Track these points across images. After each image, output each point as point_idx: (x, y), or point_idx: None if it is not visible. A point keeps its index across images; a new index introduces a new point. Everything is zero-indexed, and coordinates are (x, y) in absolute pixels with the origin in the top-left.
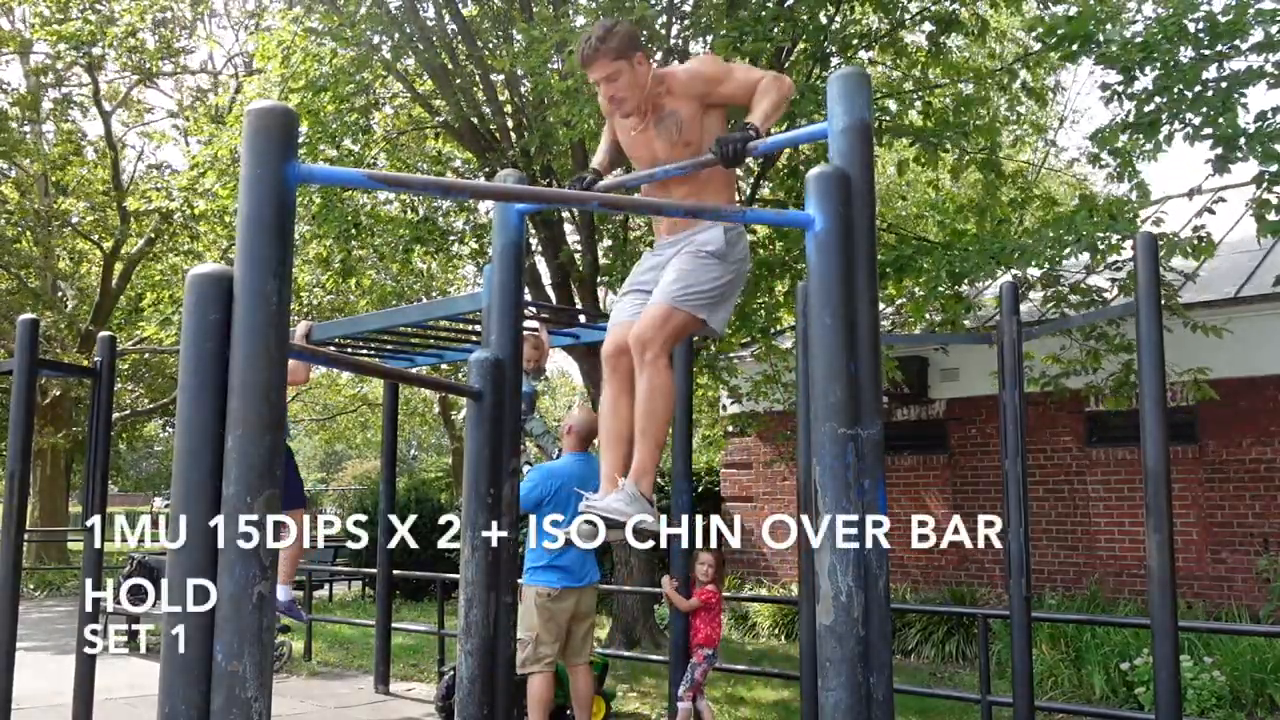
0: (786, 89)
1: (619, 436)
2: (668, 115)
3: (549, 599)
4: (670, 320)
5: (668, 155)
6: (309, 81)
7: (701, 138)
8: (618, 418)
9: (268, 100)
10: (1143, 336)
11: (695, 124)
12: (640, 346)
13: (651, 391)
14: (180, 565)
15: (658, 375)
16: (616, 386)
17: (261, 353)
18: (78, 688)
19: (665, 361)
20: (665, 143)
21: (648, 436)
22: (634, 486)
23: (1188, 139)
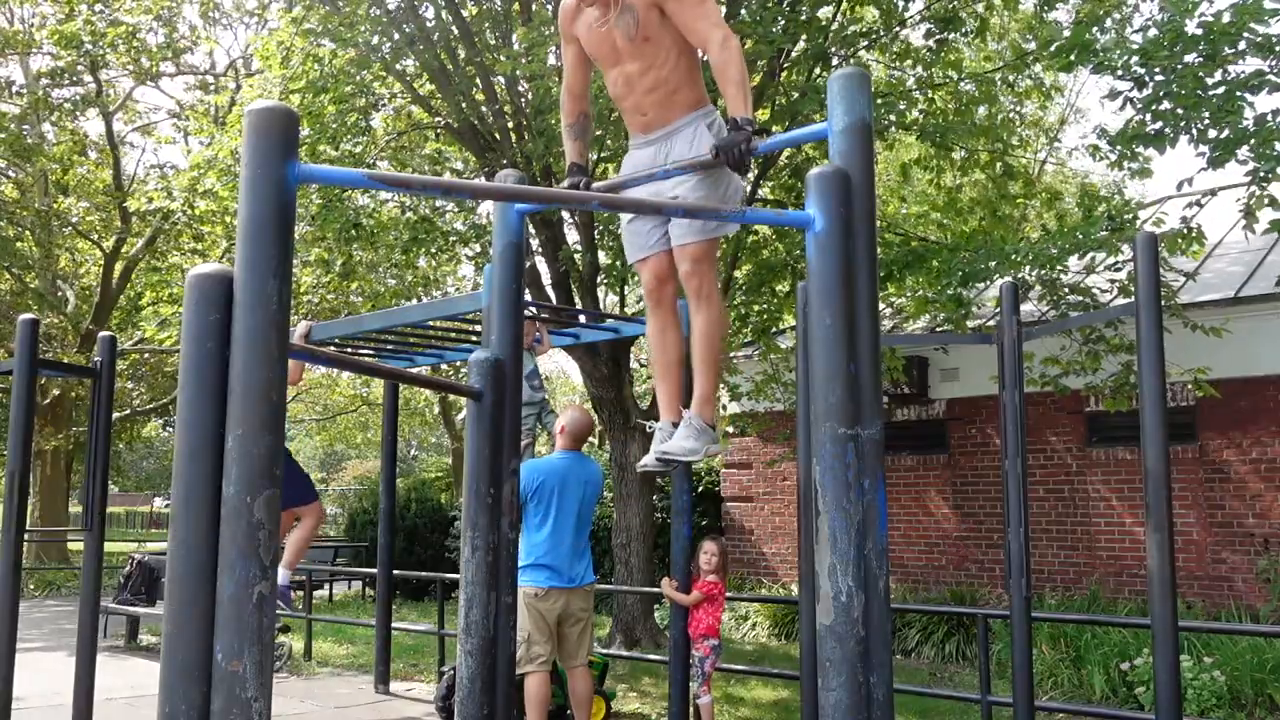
0: (738, 53)
1: (671, 364)
2: (626, 8)
3: (535, 598)
4: (710, 253)
5: (626, 49)
6: (309, 82)
7: (659, 32)
8: (668, 348)
9: (268, 100)
10: (1143, 337)
11: (652, 22)
12: (695, 286)
13: (710, 324)
14: (180, 565)
15: (714, 308)
16: (663, 318)
17: (262, 353)
18: (78, 687)
19: (718, 292)
20: (624, 36)
21: (709, 366)
22: (699, 419)
23: (1192, 141)
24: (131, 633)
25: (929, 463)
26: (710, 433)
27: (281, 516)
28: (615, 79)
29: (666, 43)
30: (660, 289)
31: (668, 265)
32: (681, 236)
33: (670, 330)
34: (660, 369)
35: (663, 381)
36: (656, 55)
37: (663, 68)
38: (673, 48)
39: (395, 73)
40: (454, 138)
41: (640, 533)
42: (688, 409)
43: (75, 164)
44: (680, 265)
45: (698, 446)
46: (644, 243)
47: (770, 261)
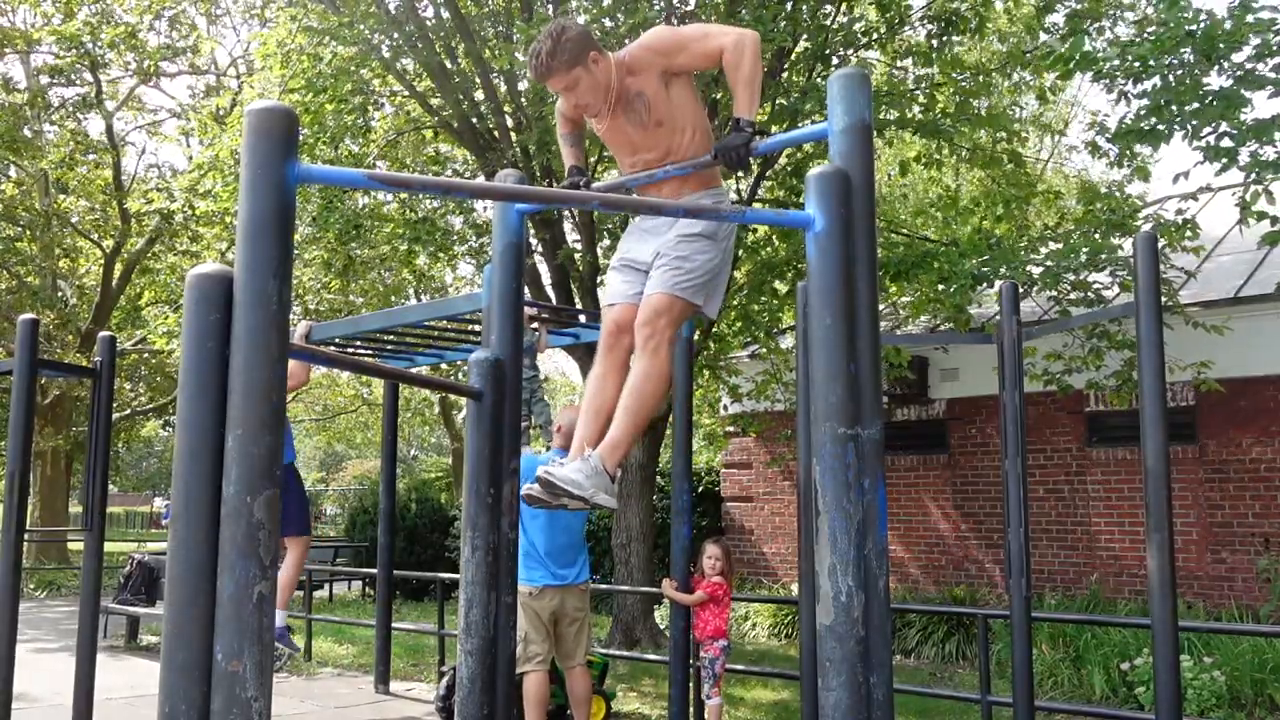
0: (753, 50)
1: (599, 410)
2: (634, 97)
3: (530, 597)
4: (672, 309)
5: (642, 139)
6: (308, 82)
7: (671, 111)
8: (603, 393)
9: (268, 100)
10: (1143, 336)
11: (662, 99)
12: (645, 335)
13: (647, 375)
14: (180, 565)
15: (658, 363)
16: (609, 364)
17: (262, 353)
18: (78, 687)
19: (667, 351)
20: (637, 126)
21: (631, 415)
22: (599, 460)
23: (1186, 137)
24: (131, 633)
25: (929, 463)
26: (606, 480)
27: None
28: (634, 165)
29: (679, 122)
30: (617, 336)
31: (631, 316)
32: (653, 285)
33: (611, 378)
34: (586, 412)
35: (583, 425)
36: (673, 138)
37: (679, 150)
38: (687, 127)
39: (395, 71)
40: (453, 136)
41: (640, 533)
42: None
43: (77, 163)
44: (640, 313)
45: (585, 484)
46: (621, 291)
47: (770, 261)
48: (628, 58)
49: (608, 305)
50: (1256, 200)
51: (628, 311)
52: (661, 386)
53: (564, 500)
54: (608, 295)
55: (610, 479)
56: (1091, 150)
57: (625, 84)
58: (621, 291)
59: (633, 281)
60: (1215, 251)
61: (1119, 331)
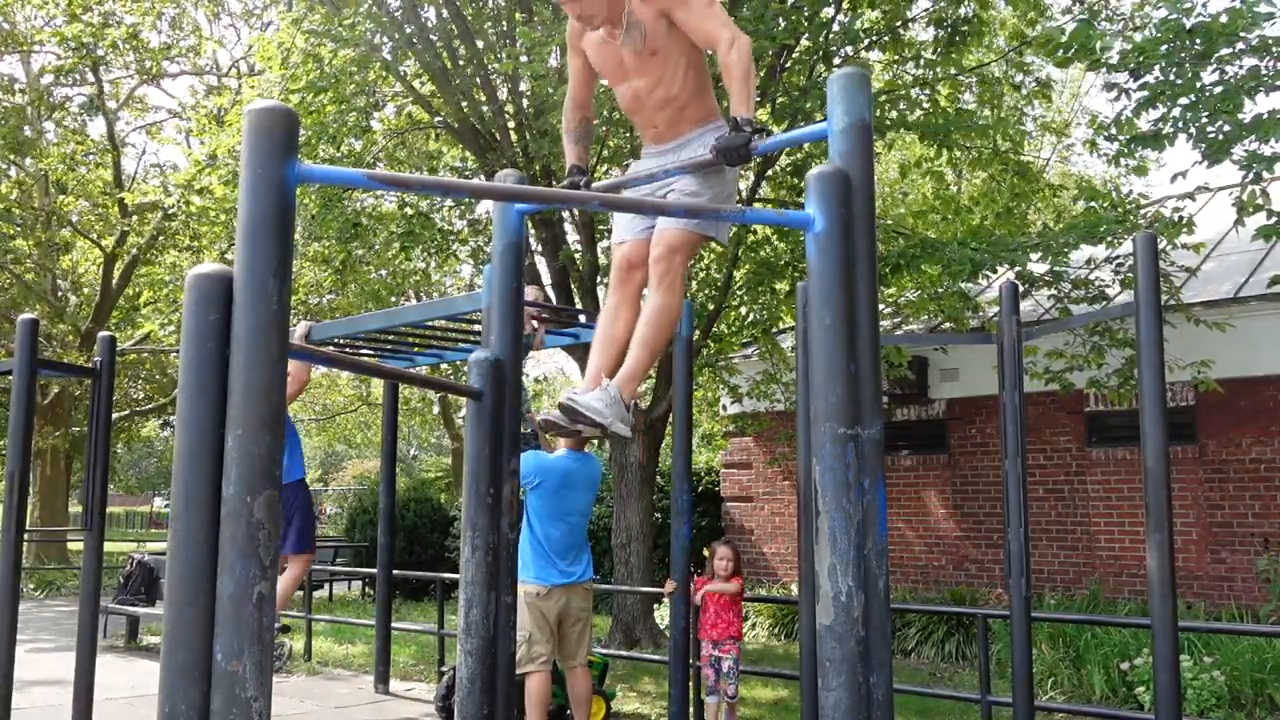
0: (747, 52)
1: (613, 340)
2: (633, 25)
3: (537, 597)
4: (686, 243)
5: (634, 64)
6: (309, 82)
7: (667, 44)
8: (616, 324)
9: (268, 100)
10: (1143, 336)
11: (659, 33)
12: (661, 270)
13: (663, 308)
14: (180, 565)
15: (672, 295)
16: (621, 297)
17: (261, 352)
18: (78, 687)
19: (681, 285)
20: (631, 51)
21: (646, 346)
22: (617, 390)
23: (1190, 139)
24: (131, 633)
25: (929, 463)
26: (623, 410)
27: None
28: (624, 94)
29: (674, 55)
30: (628, 272)
31: (643, 252)
32: (666, 221)
33: (623, 311)
34: (599, 343)
35: (596, 355)
36: (664, 69)
37: (671, 83)
38: (680, 60)
39: (395, 73)
40: (454, 137)
41: (640, 533)
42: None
43: (79, 164)
44: (654, 249)
45: (606, 413)
46: (629, 226)
47: (770, 261)
48: None
49: (618, 242)
50: (1254, 200)
51: (638, 247)
52: (677, 318)
53: (581, 425)
54: (617, 231)
55: (626, 408)
56: (1090, 148)
57: (629, 8)
58: (630, 227)
59: (641, 217)
60: (1215, 251)
61: (1120, 329)
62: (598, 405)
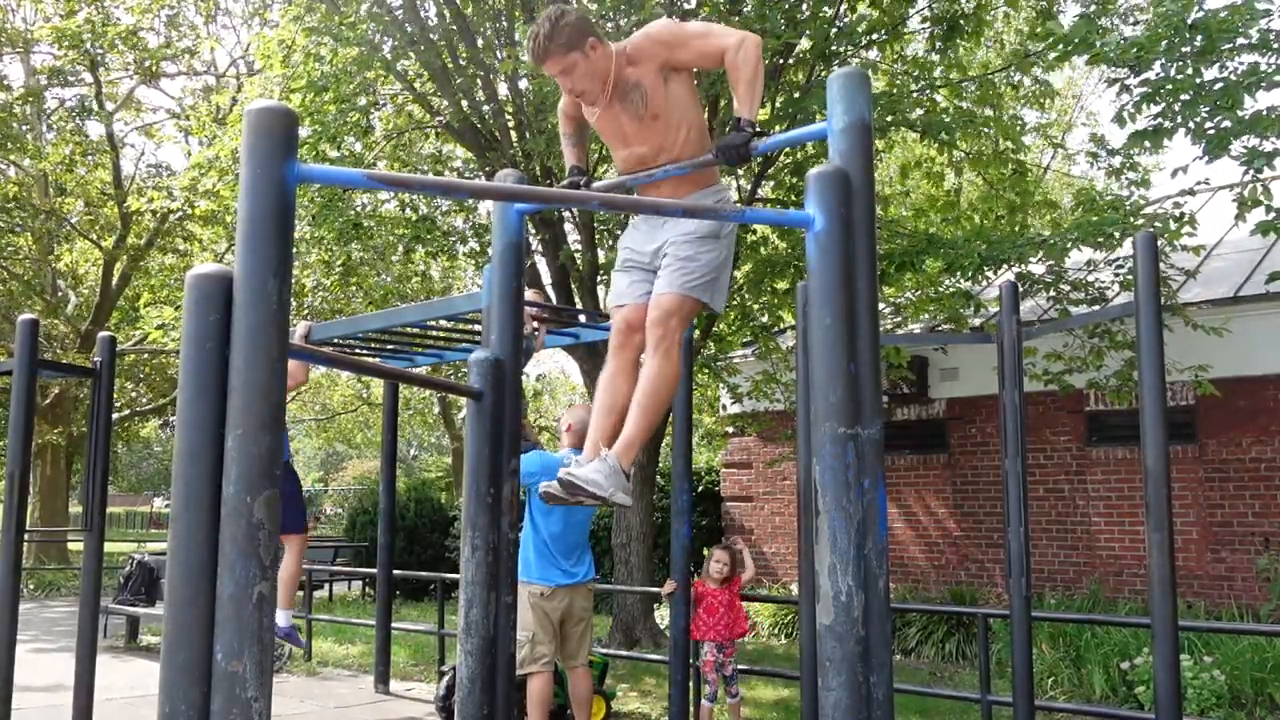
0: (755, 53)
1: (612, 408)
2: (631, 88)
3: (541, 598)
4: (682, 308)
5: (636, 131)
6: (310, 82)
7: (668, 105)
8: (614, 392)
9: (268, 100)
10: (1143, 336)
11: (659, 92)
12: (658, 336)
13: (660, 375)
14: (180, 565)
15: (669, 363)
16: (620, 364)
17: (261, 352)
18: (78, 687)
19: (678, 351)
20: (632, 118)
21: (645, 414)
22: (616, 460)
23: (1189, 134)
24: (131, 633)
25: (929, 462)
26: (623, 480)
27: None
28: (627, 159)
29: (676, 118)
30: (628, 336)
31: (642, 315)
32: (661, 285)
33: (622, 378)
34: (599, 411)
35: (596, 424)
36: (667, 133)
37: (673, 146)
38: (682, 123)
39: (396, 72)
40: (454, 137)
41: (640, 533)
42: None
43: (78, 164)
44: (650, 312)
45: (604, 484)
46: (627, 291)
47: (770, 259)
48: (629, 47)
49: (616, 306)
50: (1255, 196)
51: (637, 311)
52: (674, 385)
53: (581, 498)
54: (615, 296)
55: (626, 477)
56: (1091, 158)
57: (624, 73)
58: (629, 292)
59: (639, 281)
60: (1215, 251)
61: (1120, 331)
62: (597, 478)
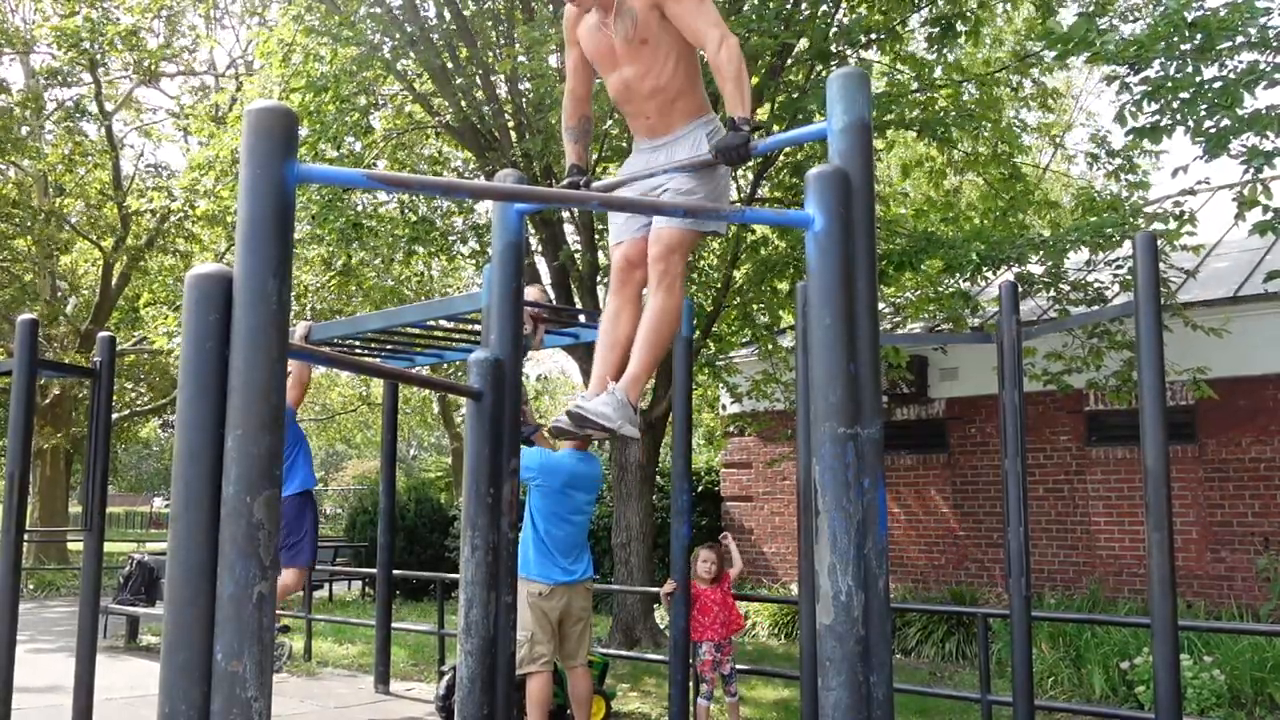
0: (736, 52)
1: (616, 343)
2: (625, 11)
3: (540, 597)
4: (683, 241)
5: (624, 52)
6: (309, 81)
7: (657, 33)
8: (619, 326)
9: (267, 100)
10: (1142, 336)
11: (650, 23)
12: (660, 270)
13: (665, 310)
14: (180, 565)
15: (673, 295)
16: (623, 299)
17: (261, 352)
18: (78, 687)
19: (681, 285)
20: (622, 39)
21: (650, 349)
22: (624, 393)
23: (1188, 133)
24: (131, 633)
25: (929, 462)
26: (630, 412)
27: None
28: (615, 83)
29: (664, 47)
30: (629, 272)
31: (642, 250)
32: (661, 221)
33: (626, 313)
34: (603, 346)
35: (600, 359)
36: (654, 59)
37: (661, 74)
38: (671, 52)
39: (395, 72)
40: (453, 137)
41: (640, 533)
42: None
43: (78, 165)
44: (652, 248)
45: (614, 416)
46: (625, 226)
47: (770, 260)
48: None
49: (616, 243)
50: (1255, 196)
51: (637, 246)
52: (678, 319)
53: (590, 430)
54: (615, 232)
55: (634, 410)
56: (1091, 160)
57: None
58: (627, 227)
59: (638, 215)
60: (1215, 251)
61: (1119, 331)
62: (605, 410)
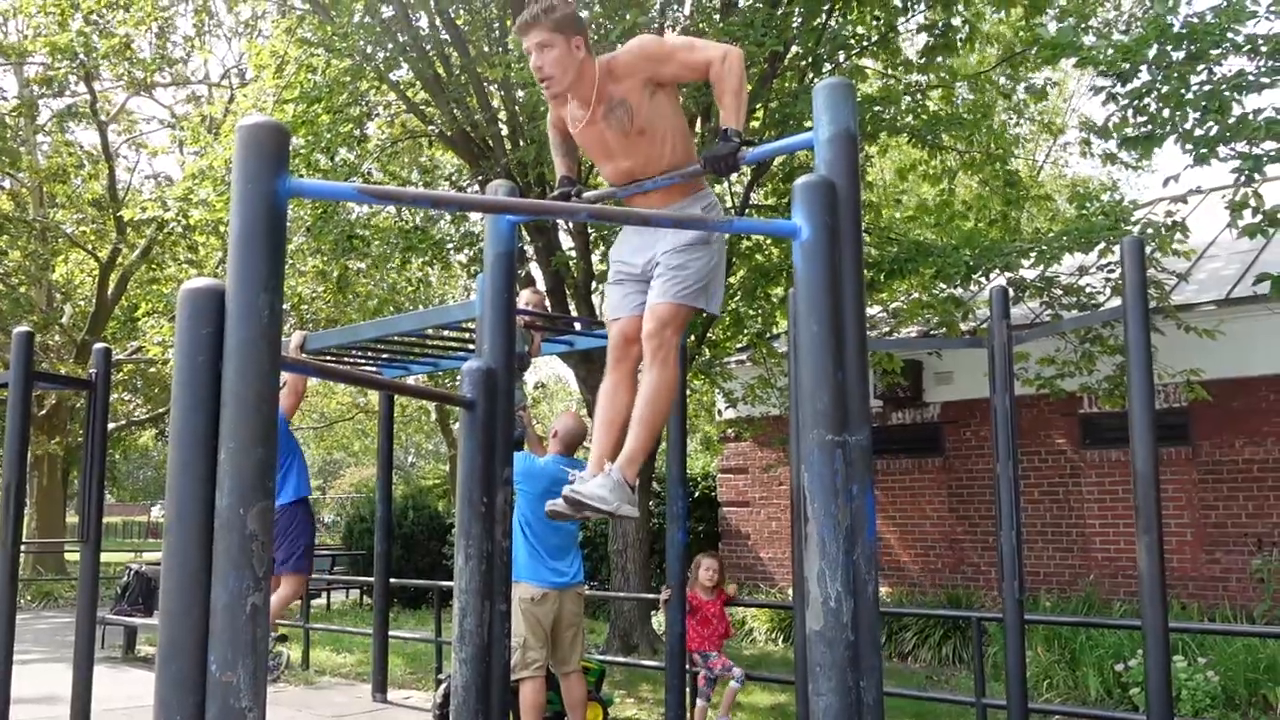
0: (739, 65)
1: (613, 422)
2: (616, 104)
3: (531, 603)
4: (677, 317)
5: (620, 145)
6: (303, 92)
7: (654, 119)
8: (615, 405)
9: (259, 115)
10: (1131, 340)
11: (644, 108)
12: (654, 347)
13: (659, 386)
14: (174, 577)
15: (667, 372)
16: (619, 376)
17: (253, 366)
18: (75, 698)
19: (676, 358)
20: (618, 133)
21: (646, 426)
22: (620, 474)
23: (1179, 140)
24: (129, 643)
25: (924, 466)
26: (628, 492)
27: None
28: (613, 174)
29: (660, 130)
30: (625, 348)
31: (638, 327)
32: (655, 296)
33: (622, 390)
34: (601, 425)
35: (599, 437)
36: (653, 145)
37: (661, 159)
38: (668, 134)
39: (389, 81)
40: (447, 145)
41: (636, 539)
42: (612, 463)
43: (71, 175)
44: (646, 324)
45: (610, 499)
46: (622, 304)
47: (764, 266)
48: (612, 62)
49: (612, 320)
50: (1246, 201)
51: (632, 323)
52: (673, 395)
53: (588, 514)
54: (610, 310)
55: (631, 490)
56: (1084, 147)
57: (608, 89)
58: (623, 305)
59: (633, 293)
60: (1208, 253)
61: (1111, 335)
62: (601, 493)
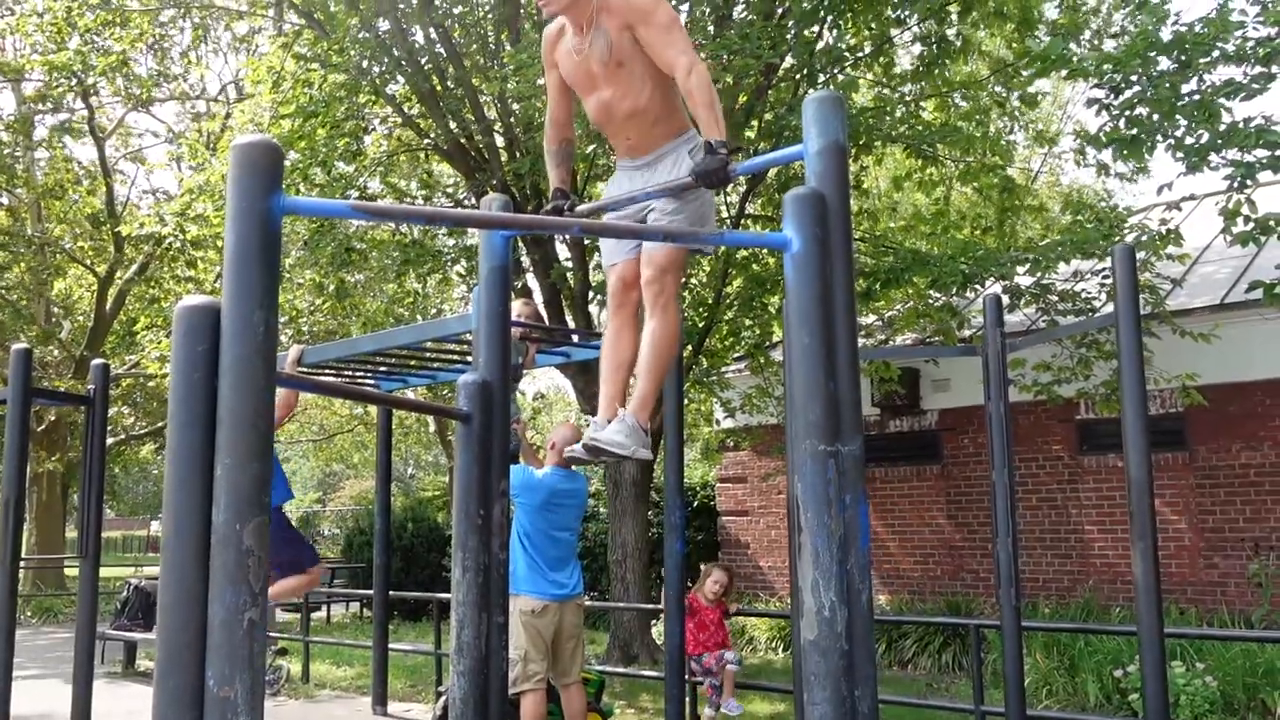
0: (705, 78)
1: (620, 365)
2: (599, 33)
3: (532, 615)
4: (675, 261)
5: (601, 75)
6: (299, 107)
7: (631, 55)
8: (620, 347)
9: (253, 134)
10: (1123, 347)
11: (624, 46)
12: (654, 292)
13: (663, 332)
14: (171, 592)
15: (669, 315)
16: (622, 319)
17: (249, 382)
18: (75, 714)
19: (676, 302)
20: (599, 62)
21: (652, 372)
22: (633, 418)
23: (1170, 149)
24: (129, 658)
25: (922, 473)
26: (642, 435)
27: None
28: (594, 106)
29: (639, 69)
30: (625, 293)
31: (636, 271)
32: (651, 244)
33: (625, 334)
34: (607, 370)
35: (607, 382)
36: (631, 82)
37: (639, 96)
38: (646, 75)
39: (385, 95)
40: (443, 158)
41: (636, 549)
42: (624, 408)
43: (69, 191)
44: (644, 270)
45: (627, 443)
46: (618, 249)
47: (760, 276)
48: None
49: (610, 264)
50: (1239, 207)
51: (630, 266)
52: (676, 337)
53: (605, 459)
54: (607, 255)
55: (645, 433)
56: (1078, 155)
57: (601, 18)
58: (619, 250)
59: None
60: (1203, 257)
61: (1107, 341)
62: (618, 438)
